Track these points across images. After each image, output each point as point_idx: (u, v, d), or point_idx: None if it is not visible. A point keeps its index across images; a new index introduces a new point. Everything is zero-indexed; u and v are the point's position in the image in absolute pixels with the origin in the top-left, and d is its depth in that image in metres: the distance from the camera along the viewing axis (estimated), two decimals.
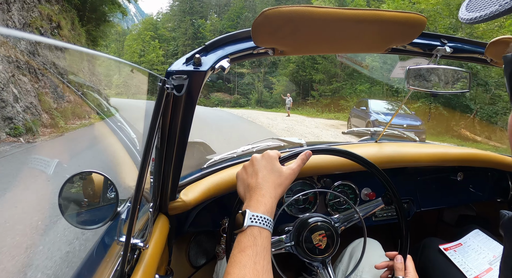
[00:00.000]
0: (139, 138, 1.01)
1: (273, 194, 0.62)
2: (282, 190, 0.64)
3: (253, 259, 0.51)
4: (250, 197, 0.61)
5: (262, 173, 0.65)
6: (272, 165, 0.66)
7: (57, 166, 2.12)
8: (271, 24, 0.58)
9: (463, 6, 0.33)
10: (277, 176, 0.65)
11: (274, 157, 0.68)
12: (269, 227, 0.57)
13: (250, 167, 0.68)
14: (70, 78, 9.03)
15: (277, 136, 1.39)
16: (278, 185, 0.64)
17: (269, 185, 0.63)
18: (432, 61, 0.85)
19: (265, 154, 0.69)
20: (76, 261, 2.15)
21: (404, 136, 1.54)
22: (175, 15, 47.87)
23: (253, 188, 0.63)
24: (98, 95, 9.40)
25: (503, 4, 0.26)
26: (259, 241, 0.54)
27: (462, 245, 1.10)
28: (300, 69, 28.09)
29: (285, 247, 0.83)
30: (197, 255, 1.28)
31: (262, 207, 0.58)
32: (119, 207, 0.68)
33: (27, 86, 6.75)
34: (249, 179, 0.65)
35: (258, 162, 0.67)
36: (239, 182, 0.69)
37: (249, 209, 0.58)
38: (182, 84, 0.63)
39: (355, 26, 0.61)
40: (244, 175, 0.68)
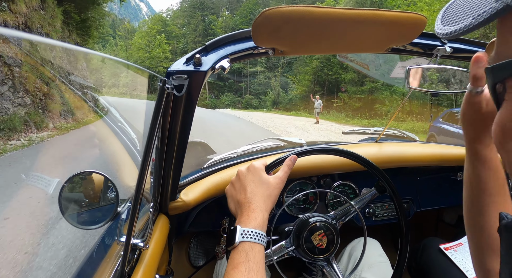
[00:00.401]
0: (139, 138, 1.01)
1: (263, 207, 0.62)
2: (272, 201, 0.64)
3: (246, 275, 0.51)
4: (241, 213, 0.61)
5: (250, 187, 0.64)
6: (258, 177, 0.66)
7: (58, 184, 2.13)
8: (271, 24, 0.58)
9: (439, 20, 0.32)
10: (265, 188, 0.65)
11: (259, 168, 0.68)
12: (261, 241, 0.57)
13: (238, 183, 0.68)
14: (70, 78, 8.97)
15: (277, 136, 1.39)
16: (267, 197, 0.64)
17: (258, 199, 0.63)
18: (432, 61, 0.85)
19: (250, 166, 0.69)
20: (76, 261, 2.15)
21: (404, 136, 1.54)
22: (185, 11, 46.08)
23: (243, 204, 0.63)
24: (97, 94, 9.36)
25: (477, 17, 0.26)
26: (251, 256, 0.54)
27: (462, 245, 1.10)
28: (325, 67, 24.89)
29: (288, 252, 0.83)
30: (197, 255, 1.28)
31: (253, 222, 0.58)
32: (119, 207, 0.68)
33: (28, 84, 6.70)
34: (238, 195, 0.66)
35: (244, 176, 0.67)
36: (229, 199, 0.68)
37: (240, 225, 0.58)
38: (182, 84, 0.63)
39: (355, 26, 0.61)
40: (233, 192, 0.68)
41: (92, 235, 2.31)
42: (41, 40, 0.35)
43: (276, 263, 0.80)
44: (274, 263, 0.80)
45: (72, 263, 2.13)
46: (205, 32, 41.26)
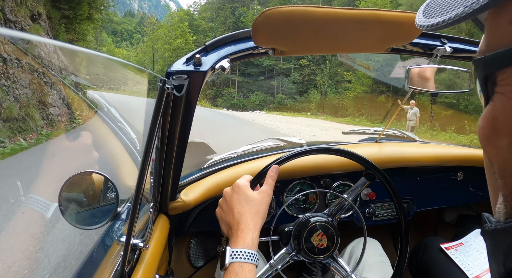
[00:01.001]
0: (139, 138, 1.01)
1: (251, 225, 0.62)
2: (261, 217, 0.65)
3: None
4: (232, 234, 0.63)
5: (236, 208, 0.65)
6: (244, 196, 0.67)
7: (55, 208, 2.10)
8: (271, 24, 0.58)
9: (420, 13, 0.31)
10: (251, 206, 0.65)
11: (244, 186, 0.68)
12: (251, 260, 0.57)
13: (224, 204, 0.69)
14: (71, 78, 8.92)
15: (277, 136, 1.39)
16: (255, 215, 0.64)
17: (246, 218, 0.63)
18: (432, 61, 0.85)
19: (234, 186, 0.69)
20: (76, 261, 2.15)
21: (404, 136, 1.54)
22: (214, 4, 41.68)
23: (232, 225, 0.64)
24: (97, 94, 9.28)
25: (469, 5, 0.24)
26: (241, 276, 0.55)
27: (463, 245, 1.10)
28: None
29: (291, 258, 0.83)
30: (197, 255, 1.28)
31: (241, 242, 0.59)
32: (119, 207, 0.68)
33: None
34: (227, 217, 0.66)
35: (230, 197, 0.68)
36: (220, 222, 0.69)
37: (229, 246, 0.59)
38: (182, 84, 0.63)
39: (355, 26, 0.61)
40: (222, 214, 0.68)
41: (92, 235, 2.31)
42: (41, 40, 0.35)
43: (281, 271, 0.80)
44: (280, 272, 0.80)
45: (72, 263, 2.13)
46: (235, 25, 36.51)
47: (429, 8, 0.30)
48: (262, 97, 31.52)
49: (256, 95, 31.49)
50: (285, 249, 0.83)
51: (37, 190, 0.61)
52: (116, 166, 1.14)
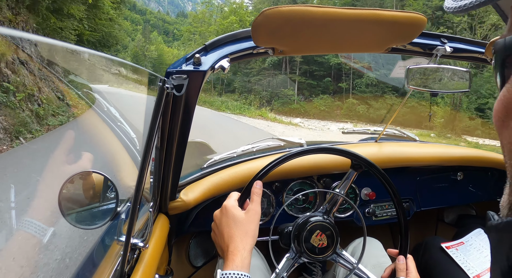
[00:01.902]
0: (139, 138, 1.01)
1: (240, 246, 0.63)
2: (251, 236, 0.66)
3: None
4: (224, 257, 0.64)
5: (226, 231, 0.66)
6: (232, 217, 0.67)
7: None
8: (271, 24, 0.58)
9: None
10: (239, 227, 0.66)
11: (231, 206, 0.69)
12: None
13: (216, 229, 0.70)
14: (71, 78, 8.88)
15: (277, 136, 1.39)
16: (244, 236, 0.65)
17: (235, 240, 0.64)
18: (432, 60, 0.85)
19: (222, 208, 0.70)
20: (76, 261, 2.15)
21: (404, 136, 1.54)
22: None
23: (223, 249, 0.65)
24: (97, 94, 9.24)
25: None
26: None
27: (464, 244, 1.10)
28: None
29: (296, 262, 0.82)
30: (197, 255, 1.28)
31: (231, 264, 0.60)
32: (119, 207, 0.68)
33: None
34: (219, 241, 0.68)
35: (219, 221, 0.69)
36: (216, 245, 0.71)
37: (220, 269, 0.60)
38: (182, 84, 0.63)
39: (355, 26, 0.61)
40: (216, 238, 0.70)
41: (92, 235, 2.31)
42: (41, 40, 0.35)
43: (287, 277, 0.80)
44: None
45: (71, 263, 2.13)
46: None
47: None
48: (328, 101, 24.21)
49: (321, 99, 24.38)
50: (287, 255, 0.83)
51: (32, 212, 0.61)
52: (116, 166, 1.14)
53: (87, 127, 7.24)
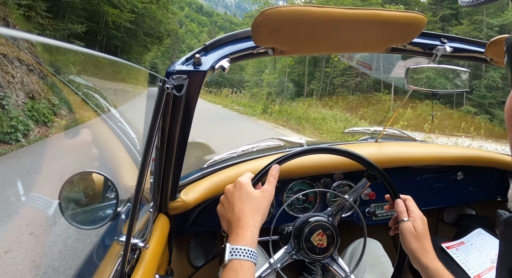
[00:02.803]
0: (139, 138, 1.01)
1: (251, 223, 0.62)
2: (262, 215, 0.65)
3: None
4: (231, 231, 0.62)
5: (237, 205, 0.65)
6: (246, 193, 0.66)
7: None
8: (271, 24, 0.58)
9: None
10: (252, 204, 0.65)
11: (246, 183, 0.68)
12: (251, 257, 0.57)
13: (226, 202, 0.68)
14: (70, 78, 8.86)
15: (277, 136, 1.39)
16: (255, 213, 0.64)
17: (246, 215, 0.63)
18: (432, 60, 0.85)
19: (236, 183, 0.69)
20: (76, 261, 2.15)
21: (404, 136, 1.54)
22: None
23: (232, 222, 0.64)
24: (98, 94, 9.22)
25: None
26: (241, 274, 0.54)
27: (464, 244, 1.10)
28: None
29: (291, 257, 0.83)
30: (197, 255, 1.28)
31: (241, 239, 0.59)
32: (119, 207, 0.68)
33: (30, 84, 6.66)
34: (228, 214, 0.66)
35: (231, 194, 0.68)
36: (221, 219, 0.69)
37: (229, 243, 0.59)
38: (182, 84, 0.63)
39: (355, 25, 0.61)
40: (223, 211, 0.68)
41: (92, 235, 2.31)
42: (41, 40, 0.35)
43: (280, 270, 0.80)
44: (279, 270, 0.80)
45: (71, 263, 2.13)
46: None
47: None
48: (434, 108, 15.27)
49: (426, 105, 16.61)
50: (285, 248, 0.84)
51: (38, 188, 0.61)
52: (116, 166, 1.14)
53: (87, 127, 7.21)
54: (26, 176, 3.40)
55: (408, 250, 0.73)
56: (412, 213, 0.76)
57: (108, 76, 4.38)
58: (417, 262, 0.71)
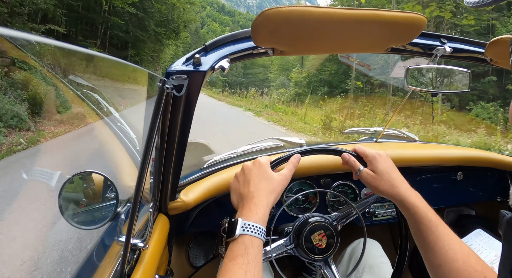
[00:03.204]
0: (139, 138, 1.01)
1: (265, 202, 0.62)
2: (275, 197, 0.65)
3: (244, 267, 0.51)
4: (243, 206, 0.61)
5: (254, 182, 0.65)
6: (263, 172, 0.66)
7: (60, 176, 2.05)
8: (271, 24, 0.58)
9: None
10: (268, 184, 0.65)
11: (265, 163, 0.68)
12: (261, 235, 0.57)
13: (242, 176, 0.68)
14: (70, 78, 8.80)
15: (277, 136, 1.39)
16: (270, 193, 0.64)
17: (261, 193, 0.63)
18: (432, 60, 0.85)
19: (255, 161, 0.69)
20: (76, 261, 2.15)
21: (404, 136, 1.54)
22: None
23: (245, 197, 0.63)
24: (98, 95, 9.18)
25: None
26: (251, 250, 0.54)
27: None
28: None
29: (286, 250, 0.83)
30: (197, 255, 1.28)
31: (254, 216, 0.58)
32: (119, 207, 0.68)
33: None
34: (241, 188, 0.66)
35: (249, 170, 0.67)
36: (232, 192, 0.69)
37: (241, 218, 0.58)
38: (182, 84, 0.63)
39: (355, 26, 0.61)
40: (236, 185, 0.68)
41: (92, 235, 2.31)
42: (41, 40, 0.35)
43: (274, 260, 0.80)
44: (273, 260, 0.80)
45: (71, 263, 2.13)
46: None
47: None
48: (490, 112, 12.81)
49: (481, 108, 13.74)
50: (284, 240, 0.84)
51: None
52: (115, 166, 1.14)
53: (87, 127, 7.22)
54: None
55: (379, 194, 0.71)
56: (365, 157, 0.74)
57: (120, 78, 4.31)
58: (393, 200, 0.69)
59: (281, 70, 30.73)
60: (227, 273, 0.51)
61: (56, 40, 0.37)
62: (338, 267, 1.06)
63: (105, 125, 1.28)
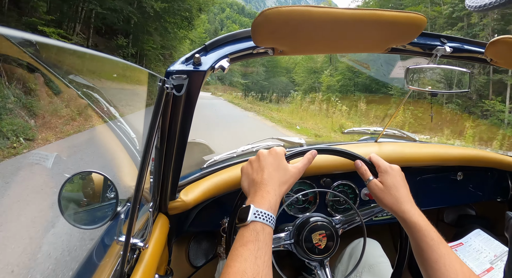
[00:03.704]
0: (139, 138, 1.01)
1: (277, 191, 0.62)
2: (287, 188, 0.65)
3: (254, 253, 0.51)
4: (255, 193, 0.61)
5: (268, 170, 0.65)
6: (278, 162, 0.66)
7: (57, 162, 2.02)
8: (270, 24, 0.58)
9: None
10: (282, 174, 0.65)
11: (281, 154, 0.68)
12: (272, 224, 0.57)
13: (256, 162, 0.68)
14: (70, 78, 8.72)
15: (277, 136, 1.39)
16: (283, 183, 0.64)
17: (274, 182, 0.63)
18: (432, 60, 0.85)
19: (272, 150, 0.69)
20: (76, 261, 2.15)
21: (404, 136, 1.54)
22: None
23: (257, 184, 0.63)
24: (97, 94, 9.12)
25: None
26: (262, 237, 0.54)
27: (463, 245, 1.10)
28: None
29: (284, 245, 0.83)
30: (197, 255, 1.28)
31: (267, 204, 0.58)
32: (119, 207, 0.68)
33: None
34: (254, 174, 0.66)
35: (264, 158, 0.67)
36: (243, 177, 0.68)
37: (253, 204, 0.58)
38: (182, 84, 0.63)
39: (355, 26, 0.61)
40: (250, 170, 0.68)
41: (92, 235, 2.31)
42: (41, 40, 0.35)
43: (274, 260, 0.80)
44: (272, 260, 0.80)
45: (71, 263, 2.13)
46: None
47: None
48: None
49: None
50: (284, 234, 0.84)
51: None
52: (115, 165, 1.14)
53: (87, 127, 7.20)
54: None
55: (383, 206, 0.70)
56: (378, 168, 0.73)
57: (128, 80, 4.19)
58: (395, 216, 0.68)
59: (309, 73, 28.12)
60: (238, 258, 0.51)
61: (56, 40, 0.37)
62: (338, 266, 1.06)
63: (105, 124, 1.27)
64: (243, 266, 0.49)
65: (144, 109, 0.76)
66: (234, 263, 0.50)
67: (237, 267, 0.49)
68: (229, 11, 77.65)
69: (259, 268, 0.49)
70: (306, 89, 26.64)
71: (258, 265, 0.50)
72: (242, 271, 0.48)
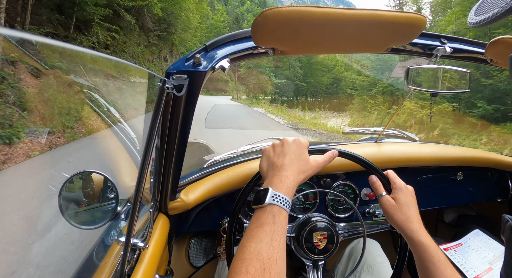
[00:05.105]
0: (139, 138, 1.01)
1: (295, 178, 0.62)
2: (304, 178, 0.65)
3: (270, 235, 0.52)
4: (273, 176, 0.62)
5: (290, 156, 0.65)
6: (300, 151, 0.67)
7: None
8: (271, 24, 0.58)
9: (472, 12, 0.36)
10: (302, 164, 0.66)
11: (304, 145, 0.69)
12: (288, 208, 0.58)
13: (279, 147, 0.68)
14: (71, 78, 8.68)
15: (277, 136, 1.39)
16: (302, 172, 0.65)
17: (294, 169, 0.63)
18: (432, 61, 0.85)
19: (296, 139, 0.70)
20: (76, 261, 2.15)
21: (404, 136, 1.54)
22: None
23: (277, 168, 0.63)
24: (98, 94, 9.11)
25: (503, 5, 0.30)
26: (278, 220, 0.55)
27: (462, 245, 1.10)
28: None
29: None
30: (197, 255, 1.28)
31: (284, 188, 0.59)
32: (119, 207, 0.68)
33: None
34: (275, 158, 0.66)
35: (288, 145, 0.68)
36: (264, 158, 0.69)
37: (271, 187, 0.58)
38: (182, 84, 0.63)
39: (355, 26, 0.61)
40: (271, 153, 0.68)
41: (92, 235, 2.30)
42: (42, 40, 0.35)
43: None
44: None
45: (71, 263, 2.13)
46: None
47: (480, 7, 0.36)
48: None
49: None
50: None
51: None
52: (115, 166, 1.14)
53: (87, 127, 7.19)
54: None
55: (392, 223, 0.71)
56: (393, 184, 0.75)
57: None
58: (403, 234, 0.70)
59: (379, 70, 23.31)
60: (254, 239, 0.51)
61: (56, 40, 0.37)
62: (337, 266, 1.07)
63: (105, 124, 1.27)
64: (259, 246, 0.50)
65: (144, 109, 0.76)
66: (250, 243, 0.51)
67: (253, 247, 0.50)
68: (249, 4, 74.86)
69: (274, 249, 0.50)
70: (377, 91, 21.79)
71: (273, 246, 0.50)
72: (258, 251, 0.49)
